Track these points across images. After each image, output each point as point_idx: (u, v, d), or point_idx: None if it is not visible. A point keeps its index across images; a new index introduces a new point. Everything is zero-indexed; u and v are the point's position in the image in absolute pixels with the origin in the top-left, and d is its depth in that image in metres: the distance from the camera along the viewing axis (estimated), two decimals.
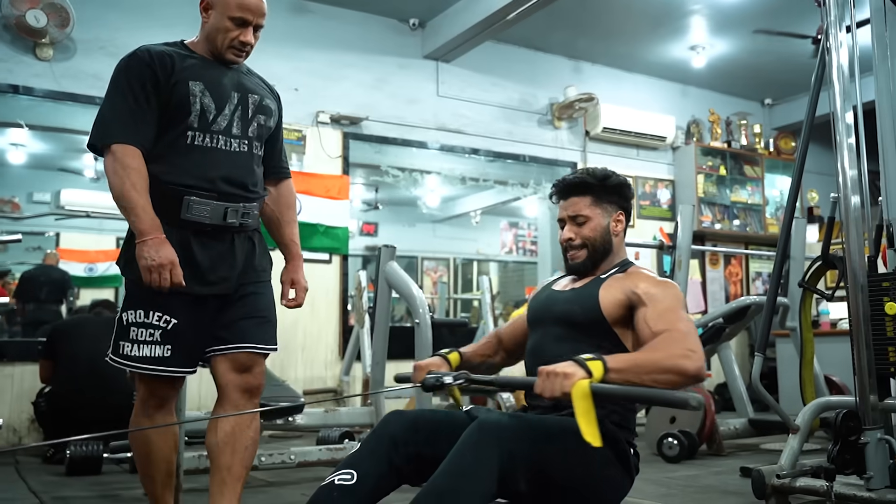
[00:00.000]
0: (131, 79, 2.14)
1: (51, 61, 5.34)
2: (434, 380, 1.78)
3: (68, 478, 3.87)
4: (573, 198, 2.04)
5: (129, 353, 2.16)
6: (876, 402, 2.69)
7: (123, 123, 2.12)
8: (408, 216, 10.57)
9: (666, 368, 1.65)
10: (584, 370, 1.59)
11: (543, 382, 1.60)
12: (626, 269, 2.02)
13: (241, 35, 2.24)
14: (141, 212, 2.07)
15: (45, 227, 8.69)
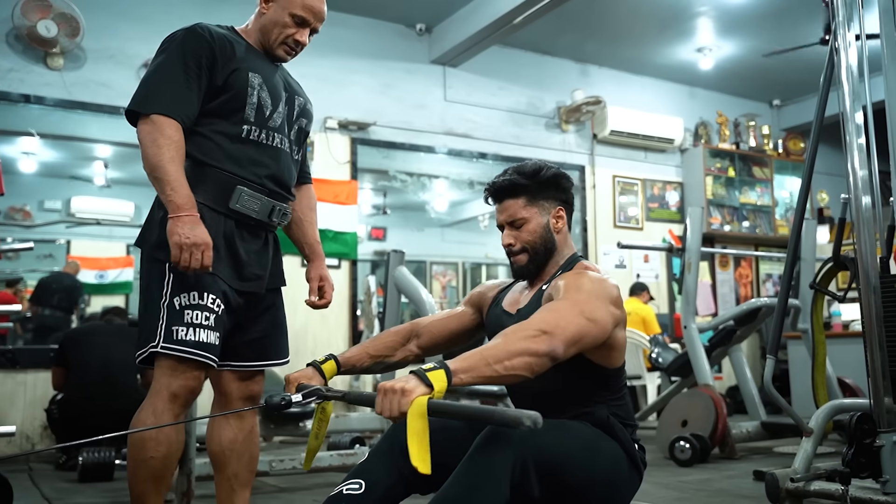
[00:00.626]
0: (187, 52, 2.05)
1: (61, 70, 5.37)
2: (279, 399, 1.62)
3: (81, 484, 3.88)
4: (507, 201, 1.94)
5: (186, 337, 1.99)
6: (891, 405, 2.67)
7: (171, 95, 2.03)
8: (416, 221, 10.56)
9: (514, 352, 1.53)
10: (424, 384, 1.45)
11: (381, 401, 1.47)
12: (571, 267, 1.91)
13: (297, 34, 2.20)
14: (178, 185, 1.96)
15: (56, 235, 8.72)
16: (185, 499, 3.08)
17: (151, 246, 2.09)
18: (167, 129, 1.99)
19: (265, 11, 2.19)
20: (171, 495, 3.22)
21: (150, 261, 2.09)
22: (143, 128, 2.01)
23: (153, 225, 2.10)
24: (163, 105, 2.01)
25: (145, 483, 2.05)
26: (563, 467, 1.68)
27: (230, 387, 2.22)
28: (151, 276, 2.07)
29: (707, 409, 4.47)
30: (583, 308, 1.63)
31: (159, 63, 2.07)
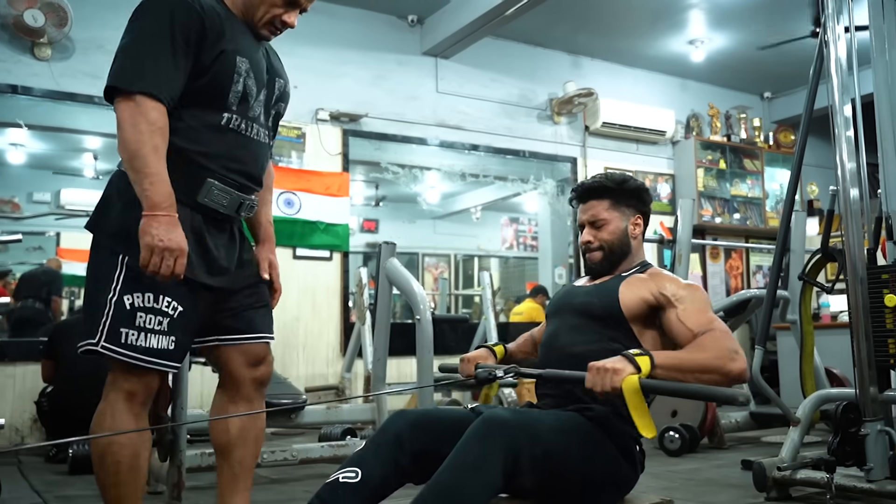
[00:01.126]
0: (175, 24, 1.83)
1: (49, 61, 5.34)
2: (486, 373, 1.80)
3: (71, 477, 3.87)
4: (592, 201, 2.09)
5: (135, 342, 1.85)
6: (876, 394, 2.70)
7: (156, 72, 1.81)
8: (408, 213, 10.56)
9: (711, 368, 1.69)
10: (632, 365, 1.63)
11: (594, 377, 1.64)
12: (646, 270, 2.06)
13: (285, 15, 2.04)
14: (157, 180, 1.77)
15: (46, 227, 8.70)
16: (176, 490, 3.08)
17: (106, 234, 1.93)
18: (151, 113, 1.80)
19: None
20: (162, 487, 3.23)
21: (103, 250, 1.92)
22: (123, 106, 1.81)
23: (111, 210, 1.93)
24: (147, 83, 1.80)
25: (116, 488, 1.93)
26: (555, 460, 1.70)
27: (241, 372, 2.10)
28: (101, 265, 1.91)
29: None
30: (729, 330, 1.84)
31: (141, 32, 1.85)
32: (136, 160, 1.79)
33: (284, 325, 6.04)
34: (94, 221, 1.98)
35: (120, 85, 1.82)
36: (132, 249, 1.83)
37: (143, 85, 1.80)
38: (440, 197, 9.88)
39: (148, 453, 2.01)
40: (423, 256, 11.34)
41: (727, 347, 1.73)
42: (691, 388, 1.63)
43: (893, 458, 2.66)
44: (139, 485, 1.99)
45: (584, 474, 1.76)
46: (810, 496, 2.98)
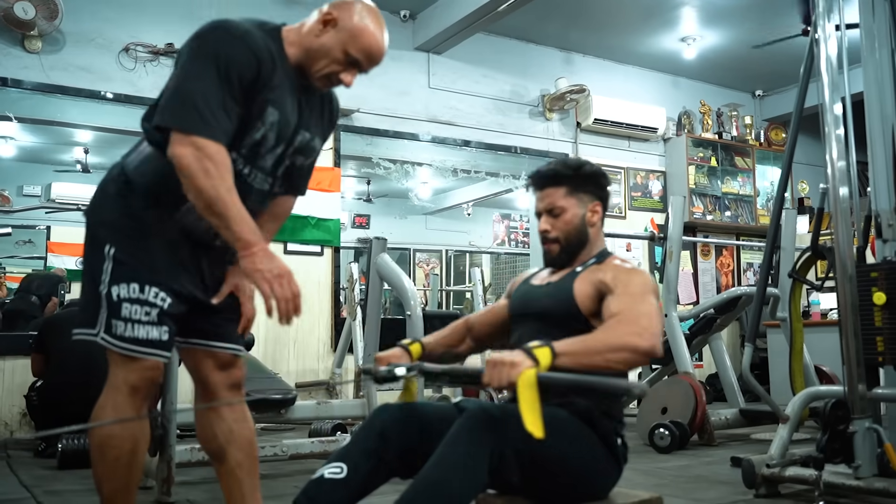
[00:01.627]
0: (231, 65, 1.80)
1: (39, 53, 5.31)
2: (385, 371, 1.74)
3: (60, 472, 3.86)
4: (548, 189, 2.03)
5: (123, 333, 1.86)
6: (864, 392, 2.71)
7: (215, 115, 1.78)
8: (400, 208, 10.56)
9: (617, 347, 1.65)
10: (531, 359, 1.58)
11: (491, 373, 1.59)
12: (604, 259, 2.01)
13: (344, 74, 1.97)
14: (242, 219, 1.77)
15: (36, 221, 8.65)
16: (166, 485, 3.08)
17: (98, 223, 1.95)
18: (219, 156, 1.77)
19: (318, 34, 1.94)
20: (152, 482, 3.22)
21: (94, 242, 1.94)
22: (185, 152, 1.75)
23: (106, 201, 1.96)
24: (206, 126, 1.77)
25: (113, 482, 1.93)
26: (540, 455, 1.70)
27: (213, 377, 2.09)
28: (93, 258, 1.94)
29: (686, 397, 4.51)
30: (654, 305, 1.80)
31: (196, 70, 1.80)
32: (216, 205, 1.77)
33: (275, 321, 6.01)
34: (90, 210, 1.99)
35: (177, 126, 1.78)
36: (118, 242, 1.88)
37: (201, 128, 1.77)
38: (432, 192, 9.88)
39: (146, 448, 2.02)
40: (415, 252, 11.33)
41: (636, 324, 1.70)
42: (586, 382, 1.58)
43: (881, 456, 2.67)
44: (136, 479, 2.00)
45: (569, 468, 1.76)
46: (799, 493, 2.99)
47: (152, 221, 1.92)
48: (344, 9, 1.94)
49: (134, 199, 1.93)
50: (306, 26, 1.98)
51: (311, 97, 2.06)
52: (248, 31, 1.87)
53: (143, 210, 1.92)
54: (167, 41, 5.70)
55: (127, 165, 1.98)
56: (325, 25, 1.94)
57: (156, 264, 1.91)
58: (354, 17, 1.93)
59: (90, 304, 1.92)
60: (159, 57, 5.70)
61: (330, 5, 1.96)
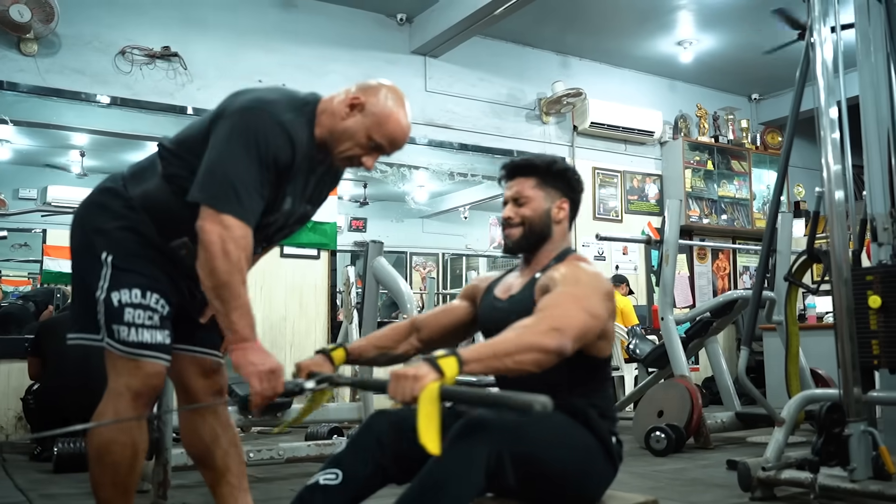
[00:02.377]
0: (269, 150, 1.83)
1: (35, 56, 5.30)
2: (293, 385, 1.71)
3: (56, 475, 3.85)
4: (518, 178, 2.00)
5: (126, 338, 1.89)
6: (860, 395, 2.72)
7: (249, 196, 1.81)
8: (396, 212, 10.54)
9: (524, 347, 1.59)
10: (435, 371, 1.51)
11: (395, 386, 1.52)
12: (563, 258, 1.95)
13: (366, 158, 1.98)
14: (246, 312, 1.80)
15: (32, 224, 8.60)
16: (162, 489, 3.07)
17: (91, 231, 1.97)
18: (242, 240, 1.80)
19: (344, 117, 1.94)
20: (148, 485, 3.22)
21: (88, 249, 1.97)
22: (211, 228, 1.78)
23: (104, 210, 1.98)
24: (240, 207, 1.80)
25: (112, 487, 1.95)
26: (538, 457, 1.70)
27: (196, 383, 2.12)
28: (89, 265, 1.96)
29: (683, 400, 4.51)
30: (584, 304, 1.70)
31: (238, 152, 1.82)
32: (225, 290, 1.78)
33: (272, 324, 6.03)
34: (83, 217, 2.01)
35: (215, 206, 1.80)
36: (116, 250, 1.92)
37: (237, 211, 1.80)
38: (428, 196, 9.86)
39: (145, 454, 2.02)
40: (411, 255, 11.31)
41: (546, 323, 1.62)
42: (488, 397, 1.51)
43: (876, 458, 2.67)
44: (134, 485, 2.01)
45: (565, 469, 1.76)
46: (794, 496, 3.00)
47: (149, 237, 1.96)
48: (371, 93, 1.95)
49: (134, 215, 1.96)
50: (333, 104, 1.97)
51: (323, 168, 2.07)
52: (287, 120, 1.88)
53: (142, 227, 1.96)
54: (163, 44, 5.70)
55: (130, 186, 1.99)
56: (352, 109, 1.94)
57: (153, 273, 1.95)
58: (380, 103, 1.94)
59: (85, 310, 1.94)
60: (155, 60, 5.70)
61: (357, 89, 1.97)
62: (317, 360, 1.93)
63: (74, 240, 2.03)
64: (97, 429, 1.91)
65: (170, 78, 5.76)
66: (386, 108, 1.94)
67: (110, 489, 1.95)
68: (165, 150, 1.99)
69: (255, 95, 1.90)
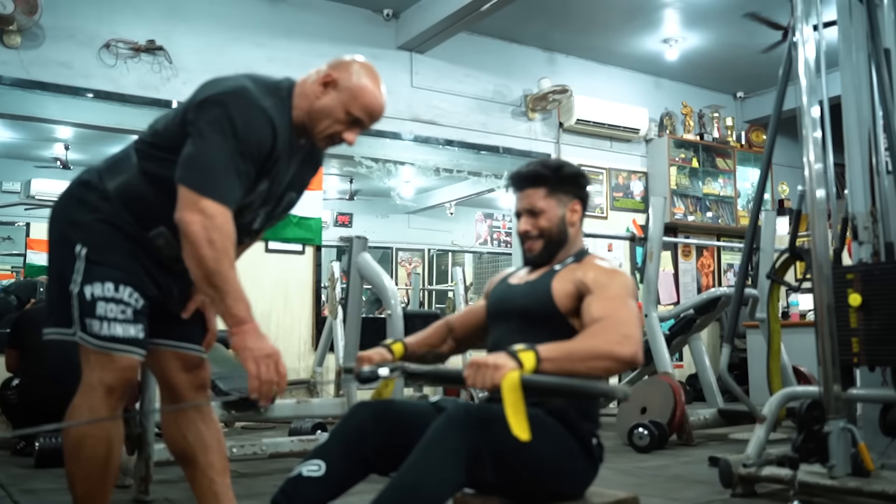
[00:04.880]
0: (250, 138, 1.83)
1: (19, 49, 5.26)
2: (369, 371, 1.76)
3: (37, 470, 3.83)
4: (528, 189, 2.05)
5: (99, 332, 1.87)
6: (839, 392, 2.74)
7: (230, 182, 1.81)
8: (382, 207, 10.54)
9: (600, 355, 1.65)
10: (515, 361, 1.58)
11: (474, 374, 1.59)
12: (582, 258, 2.02)
13: (346, 133, 2.00)
14: (239, 295, 1.80)
15: (15, 218, 8.58)
16: (144, 484, 3.06)
17: (69, 224, 1.96)
18: (227, 227, 1.79)
19: (319, 96, 1.96)
20: (130, 480, 3.21)
21: (64, 242, 1.96)
22: (192, 219, 1.77)
23: (80, 203, 1.97)
24: (224, 193, 1.80)
25: (88, 482, 1.94)
26: (516, 455, 1.71)
27: (178, 378, 2.11)
28: (63, 258, 1.94)
29: (666, 397, 4.54)
30: (631, 309, 1.80)
31: (218, 140, 1.81)
32: (215, 277, 1.78)
33: (256, 320, 6.00)
34: (59, 209, 2.01)
35: (197, 189, 1.79)
36: (90, 243, 1.91)
37: (217, 195, 1.79)
38: (414, 192, 9.87)
39: (121, 448, 2.03)
40: (397, 251, 11.32)
41: (617, 332, 1.70)
42: (571, 386, 1.58)
43: (855, 455, 2.70)
44: (111, 480, 2.00)
45: (545, 467, 1.77)
46: (775, 492, 3.02)
47: (126, 230, 1.95)
48: (342, 69, 1.98)
49: (110, 208, 1.95)
50: (306, 85, 1.99)
51: (303, 152, 2.08)
52: (268, 107, 1.88)
53: (118, 220, 1.94)
54: (148, 38, 5.67)
55: (106, 178, 1.98)
56: (326, 87, 1.96)
57: (128, 266, 1.94)
58: (353, 77, 1.97)
59: (60, 303, 1.93)
60: (140, 53, 5.67)
61: (328, 66, 2.00)
62: (378, 352, 1.99)
63: (50, 234, 2.02)
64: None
65: (155, 72, 5.73)
66: (359, 81, 1.97)
67: (86, 484, 1.95)
68: (142, 142, 1.99)
69: (232, 83, 1.90)
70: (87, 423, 1.89)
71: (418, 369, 1.81)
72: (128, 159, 1.99)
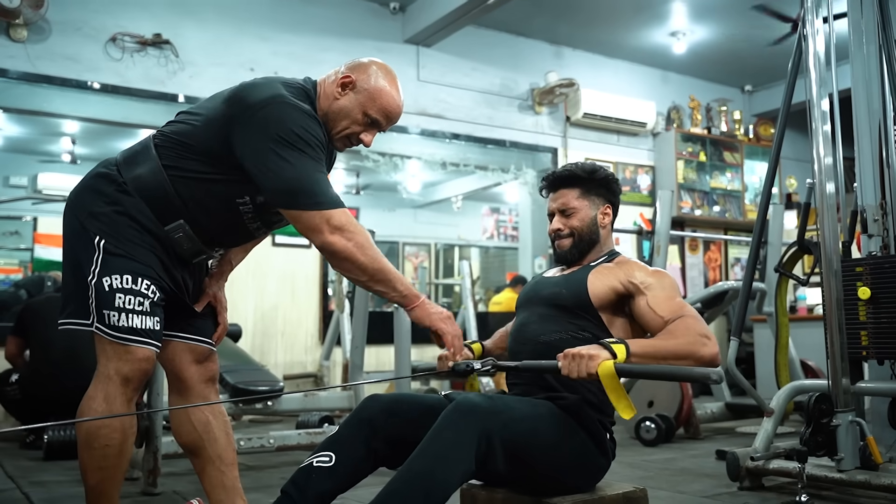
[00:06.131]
0: (315, 140, 1.89)
1: (25, 43, 5.26)
2: (465, 365, 1.84)
3: (46, 463, 3.85)
4: (562, 190, 2.11)
5: (117, 323, 1.88)
6: (848, 386, 2.73)
7: (328, 186, 1.88)
8: (389, 201, 10.54)
9: (684, 354, 1.73)
10: (608, 351, 1.67)
11: (569, 364, 1.68)
12: (613, 258, 2.08)
13: (364, 134, 2.03)
14: (402, 280, 1.91)
15: (23, 212, 8.60)
16: (152, 476, 3.08)
17: (84, 215, 1.96)
18: (356, 228, 1.86)
19: (338, 97, 1.99)
20: (138, 473, 3.22)
21: (82, 233, 1.96)
22: (332, 240, 1.83)
23: (98, 194, 1.97)
24: (328, 198, 1.85)
25: (101, 472, 1.95)
26: (526, 446, 1.72)
27: (189, 370, 2.12)
28: (82, 249, 1.95)
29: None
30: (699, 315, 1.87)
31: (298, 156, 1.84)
32: (380, 274, 1.87)
33: (263, 314, 6.02)
34: (76, 201, 2.01)
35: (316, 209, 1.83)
36: (109, 235, 1.91)
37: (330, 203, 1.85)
38: (421, 186, 9.87)
39: (133, 440, 2.02)
40: (404, 245, 11.32)
41: (698, 333, 1.77)
42: (666, 370, 1.68)
43: (864, 449, 2.69)
44: (123, 470, 2.01)
45: (555, 460, 1.78)
46: (782, 486, 3.02)
47: (143, 223, 1.95)
48: (361, 70, 2.00)
49: (128, 200, 1.96)
50: (325, 86, 2.02)
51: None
52: (308, 109, 1.92)
53: (137, 212, 1.95)
54: (154, 31, 5.67)
55: (124, 171, 1.99)
56: (344, 88, 1.99)
57: (146, 259, 1.94)
58: (371, 79, 2.00)
59: (77, 294, 1.94)
60: (147, 47, 5.67)
61: (347, 68, 2.02)
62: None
63: (67, 225, 2.02)
64: (87, 415, 1.90)
65: (161, 65, 5.73)
66: (378, 83, 1.99)
67: (100, 473, 1.95)
68: (163, 137, 2.00)
69: (269, 91, 1.90)
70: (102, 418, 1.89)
71: (507, 364, 1.89)
72: (146, 152, 1.99)
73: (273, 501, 1.76)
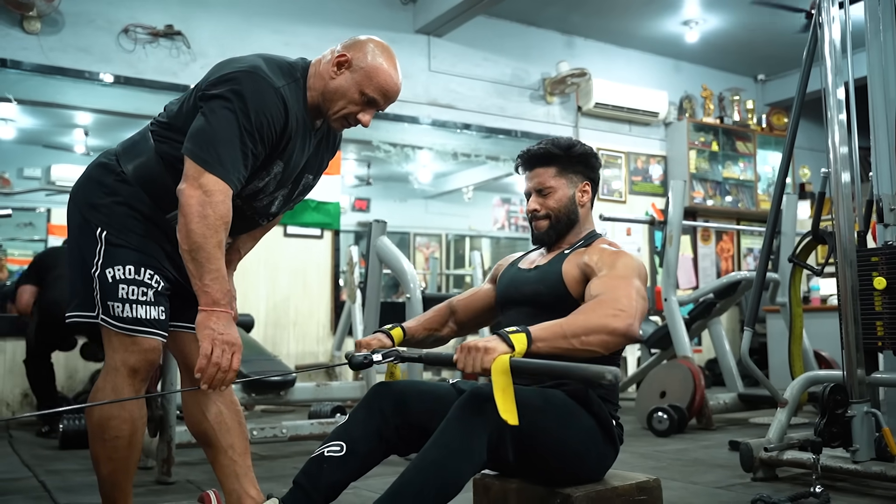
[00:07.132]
0: (261, 117, 1.83)
1: (38, 34, 5.28)
2: (362, 357, 1.77)
3: (61, 451, 3.89)
4: (538, 168, 2.03)
5: (121, 313, 1.88)
6: (863, 376, 2.72)
7: (235, 160, 1.80)
8: (400, 192, 10.53)
9: (593, 329, 1.64)
10: (506, 344, 1.57)
11: (464, 358, 1.59)
12: (591, 242, 2.01)
13: (361, 114, 1.97)
14: (219, 276, 1.78)
15: (36, 203, 8.64)
16: (166, 466, 3.09)
17: (86, 207, 1.96)
18: (222, 207, 1.78)
19: (334, 76, 1.94)
20: (152, 462, 3.24)
21: (84, 225, 1.96)
22: (190, 193, 1.77)
23: (98, 185, 1.97)
24: (227, 171, 1.79)
25: (112, 462, 1.96)
26: (536, 435, 1.71)
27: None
28: (84, 241, 1.95)
29: (685, 381, 4.52)
30: (635, 286, 1.76)
31: (228, 119, 1.81)
32: (199, 253, 1.77)
33: (275, 304, 6.04)
34: (77, 192, 2.01)
35: (201, 163, 1.79)
36: (110, 226, 1.92)
37: (219, 169, 1.79)
38: (432, 176, 9.86)
39: (144, 429, 2.03)
40: (415, 236, 11.32)
41: (613, 306, 1.68)
42: (559, 369, 1.55)
43: (879, 440, 2.68)
44: (135, 460, 2.02)
45: (565, 449, 1.77)
46: (796, 476, 3.01)
47: (144, 212, 1.95)
48: (357, 48, 1.95)
49: (128, 190, 1.95)
50: (321, 66, 1.97)
51: (320, 134, 2.07)
52: (281, 86, 1.88)
53: (137, 202, 1.95)
54: (167, 23, 5.68)
55: (124, 161, 1.98)
56: (340, 67, 1.94)
57: (148, 249, 1.94)
58: (368, 57, 1.94)
59: (82, 286, 1.94)
60: (159, 38, 5.68)
61: (342, 46, 1.97)
62: (377, 337, 1.99)
63: (70, 217, 2.02)
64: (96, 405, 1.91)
65: (173, 57, 5.74)
66: (374, 61, 1.94)
67: (111, 464, 1.96)
68: (157, 124, 2.00)
69: (246, 63, 1.89)
70: (114, 401, 1.89)
71: (411, 354, 1.82)
72: (144, 141, 1.99)
73: (286, 493, 1.76)
